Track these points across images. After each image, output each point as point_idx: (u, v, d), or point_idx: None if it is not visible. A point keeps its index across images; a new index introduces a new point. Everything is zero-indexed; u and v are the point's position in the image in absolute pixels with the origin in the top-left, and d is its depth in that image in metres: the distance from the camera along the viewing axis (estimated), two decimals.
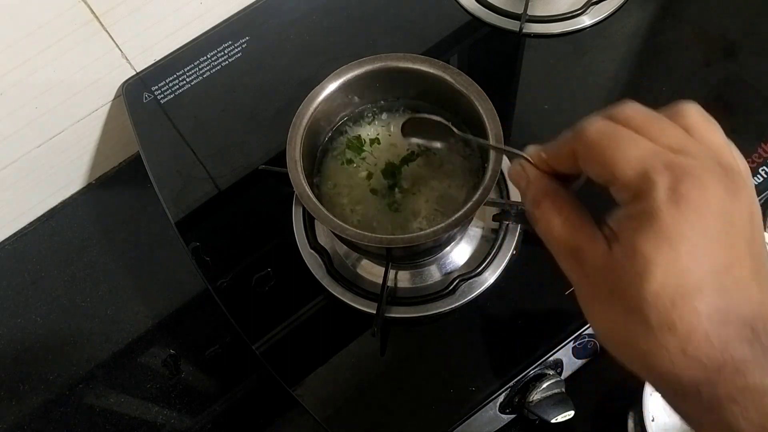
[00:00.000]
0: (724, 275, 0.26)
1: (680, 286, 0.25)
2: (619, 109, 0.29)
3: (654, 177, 0.26)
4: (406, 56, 0.48)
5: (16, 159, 0.68)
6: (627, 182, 0.27)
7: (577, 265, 0.29)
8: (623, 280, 0.26)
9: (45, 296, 0.69)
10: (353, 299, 0.53)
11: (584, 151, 0.28)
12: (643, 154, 0.27)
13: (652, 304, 0.26)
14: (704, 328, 0.25)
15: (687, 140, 0.27)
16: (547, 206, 0.30)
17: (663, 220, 0.25)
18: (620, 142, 0.27)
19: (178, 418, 0.61)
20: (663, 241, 0.25)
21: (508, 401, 0.52)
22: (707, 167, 0.26)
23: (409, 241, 0.42)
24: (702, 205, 0.25)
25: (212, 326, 0.64)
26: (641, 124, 0.28)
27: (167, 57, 0.72)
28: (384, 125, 0.52)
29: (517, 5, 0.68)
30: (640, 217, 0.26)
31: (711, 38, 0.65)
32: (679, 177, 0.25)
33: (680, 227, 0.25)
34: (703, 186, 0.25)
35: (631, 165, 0.26)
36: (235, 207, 0.62)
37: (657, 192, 0.25)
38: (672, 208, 0.25)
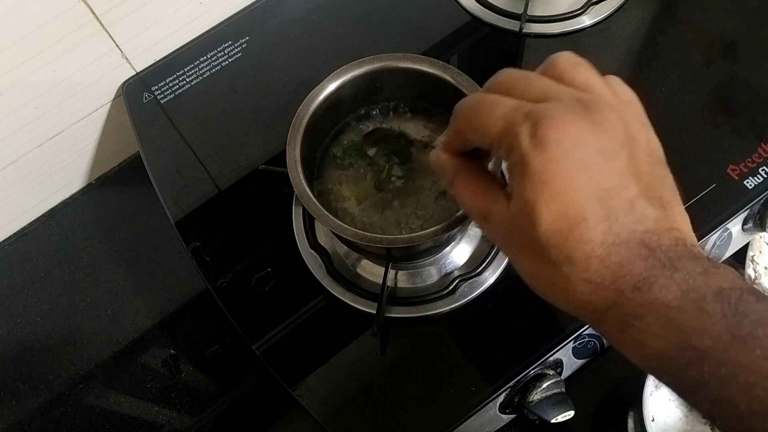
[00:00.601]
0: (608, 200, 0.27)
1: (565, 219, 0.27)
2: (493, 78, 0.32)
3: (515, 129, 0.28)
4: (406, 56, 0.48)
5: (16, 159, 0.68)
6: (497, 140, 0.29)
7: (490, 226, 0.31)
8: (522, 229, 0.28)
9: (45, 296, 0.69)
10: (353, 299, 0.53)
11: (463, 125, 0.31)
12: (505, 112, 0.29)
13: (546, 243, 0.27)
14: (597, 253, 0.27)
15: (551, 88, 0.29)
16: (457, 182, 0.33)
17: (532, 164, 0.27)
18: (486, 106, 0.30)
19: (178, 418, 0.61)
20: (538, 183, 0.27)
21: (508, 401, 0.52)
22: (565, 106, 0.28)
23: (409, 241, 0.42)
24: (563, 140, 0.27)
25: (212, 326, 0.64)
26: (510, 85, 0.30)
27: (167, 57, 0.72)
28: (383, 125, 0.52)
29: (517, 5, 0.68)
30: (516, 168, 0.28)
31: (711, 38, 0.65)
32: (537, 122, 0.27)
33: (549, 166, 0.27)
34: (560, 123, 0.27)
35: (496, 123, 0.29)
36: (235, 207, 0.62)
37: (520, 141, 0.27)
38: (536, 151, 0.27)
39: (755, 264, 0.62)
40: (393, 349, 0.52)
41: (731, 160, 0.56)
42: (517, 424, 0.56)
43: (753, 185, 0.55)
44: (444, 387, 0.50)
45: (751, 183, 0.55)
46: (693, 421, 0.54)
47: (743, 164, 0.56)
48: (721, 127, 0.59)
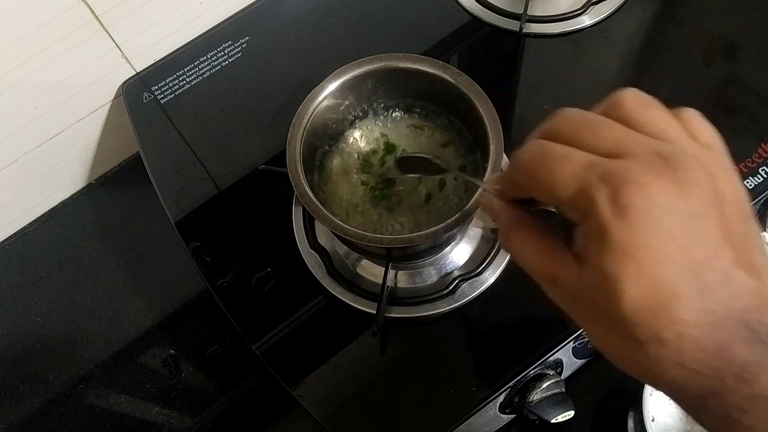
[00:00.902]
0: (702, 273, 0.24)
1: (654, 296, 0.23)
2: (552, 121, 0.28)
3: (591, 193, 0.24)
4: (406, 56, 0.48)
5: (16, 159, 0.68)
6: (569, 203, 0.25)
7: (557, 290, 0.28)
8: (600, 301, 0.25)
9: (45, 296, 0.69)
10: (353, 299, 0.53)
11: (524, 180, 0.28)
12: (575, 170, 0.25)
13: (632, 321, 0.24)
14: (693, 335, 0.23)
15: (623, 137, 0.26)
16: (515, 238, 0.30)
17: (614, 235, 0.24)
18: (551, 162, 0.26)
19: (178, 418, 0.61)
20: (622, 255, 0.24)
21: (508, 401, 0.52)
22: (646, 164, 0.24)
23: (409, 241, 0.42)
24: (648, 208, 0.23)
25: (212, 326, 0.64)
26: (574, 133, 0.27)
27: (167, 57, 0.72)
28: (383, 125, 0.52)
29: (517, 5, 0.68)
30: (594, 236, 0.25)
31: (711, 38, 0.65)
32: (617, 187, 0.24)
33: (635, 238, 0.23)
34: (643, 188, 0.24)
35: (567, 185, 0.25)
36: (235, 207, 0.62)
37: (599, 208, 0.24)
38: (618, 220, 0.24)
39: None
40: (393, 349, 0.52)
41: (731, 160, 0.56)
42: (517, 424, 0.56)
43: (753, 185, 0.55)
44: (444, 387, 0.50)
45: (751, 183, 0.55)
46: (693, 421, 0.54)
47: (743, 164, 0.56)
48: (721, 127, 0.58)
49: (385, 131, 0.52)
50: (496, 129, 0.44)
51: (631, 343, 0.24)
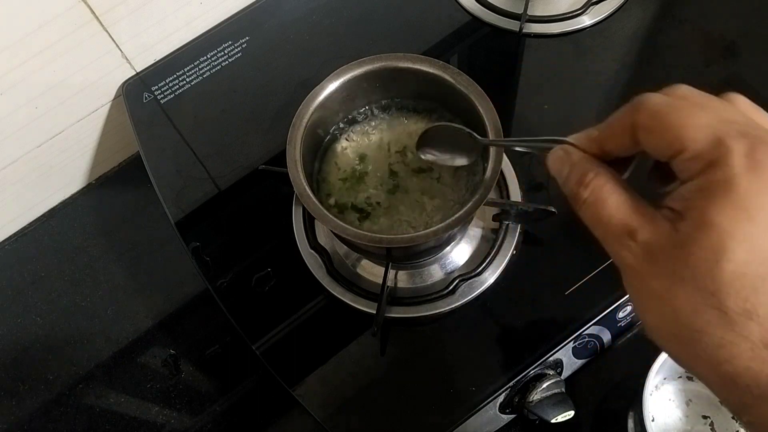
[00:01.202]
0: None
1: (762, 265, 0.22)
2: (673, 87, 0.27)
3: (729, 142, 0.23)
4: (406, 56, 0.48)
5: (16, 159, 0.68)
6: (698, 149, 0.24)
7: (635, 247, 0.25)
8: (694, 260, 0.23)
9: (45, 296, 0.69)
10: (353, 299, 0.53)
11: (647, 121, 0.26)
12: (714, 122, 0.24)
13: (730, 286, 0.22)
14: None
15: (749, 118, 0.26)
16: (597, 184, 0.27)
17: (741, 187, 0.22)
18: (688, 110, 0.25)
19: (178, 418, 0.61)
20: (741, 212, 0.22)
21: (508, 401, 0.52)
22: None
23: (409, 241, 0.42)
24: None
25: (212, 326, 0.64)
26: (701, 100, 0.26)
27: (167, 57, 0.72)
28: (383, 125, 0.52)
29: (517, 5, 0.68)
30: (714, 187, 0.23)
31: (711, 38, 0.65)
32: (756, 144, 0.23)
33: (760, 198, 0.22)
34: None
35: (703, 131, 0.24)
36: (235, 207, 0.62)
37: (733, 158, 0.23)
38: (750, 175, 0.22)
39: None
40: (393, 349, 0.52)
41: None
42: (517, 424, 0.56)
43: None
44: (444, 387, 0.50)
45: None
46: (693, 421, 0.54)
47: None
48: None
49: (385, 131, 0.52)
50: (496, 129, 0.44)
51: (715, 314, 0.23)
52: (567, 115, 0.62)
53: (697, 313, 0.23)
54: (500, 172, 0.43)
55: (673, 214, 0.25)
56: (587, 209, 0.27)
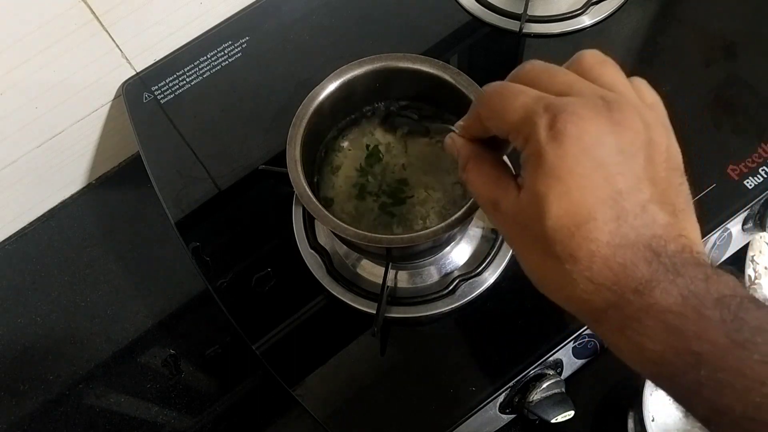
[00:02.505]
0: (620, 201, 0.26)
1: (574, 216, 0.27)
2: (518, 67, 0.32)
3: (534, 119, 0.27)
4: (406, 56, 0.48)
5: (16, 159, 0.68)
6: (515, 128, 0.29)
7: (498, 215, 0.31)
8: (530, 221, 0.28)
9: (45, 296, 0.69)
10: (353, 299, 0.53)
11: (483, 111, 0.31)
12: (526, 101, 0.28)
13: (553, 237, 0.27)
14: (603, 253, 0.26)
15: (575, 82, 0.29)
16: (470, 167, 0.33)
17: (547, 157, 0.27)
18: (508, 95, 0.29)
19: (178, 418, 0.61)
20: (551, 177, 0.27)
21: (508, 401, 0.52)
22: (587, 102, 0.27)
23: (409, 241, 0.42)
24: (581, 137, 0.26)
25: (212, 326, 0.64)
26: (534, 77, 0.30)
27: (167, 57, 0.72)
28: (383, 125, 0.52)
29: (517, 5, 0.68)
30: (531, 159, 0.28)
31: (711, 38, 0.65)
32: (556, 115, 0.27)
33: (564, 161, 0.27)
34: (579, 119, 0.27)
35: (516, 111, 0.28)
36: (235, 207, 0.62)
37: (538, 132, 0.27)
38: (553, 144, 0.27)
39: (755, 264, 0.62)
40: (393, 349, 0.52)
41: (731, 160, 0.56)
42: (517, 424, 0.56)
43: (753, 185, 0.55)
44: (444, 387, 0.50)
45: (751, 183, 0.55)
46: (693, 421, 0.54)
47: (743, 164, 0.56)
48: (721, 127, 0.59)
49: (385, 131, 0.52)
50: None
51: (552, 260, 0.28)
52: None
53: (543, 263, 0.29)
54: None
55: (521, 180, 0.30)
56: (468, 187, 0.33)
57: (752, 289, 0.61)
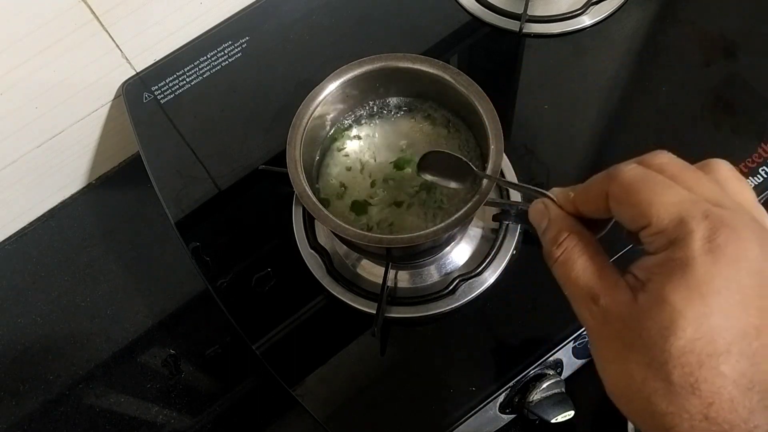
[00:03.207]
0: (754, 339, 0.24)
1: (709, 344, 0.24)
2: (653, 155, 0.28)
3: (691, 224, 0.25)
4: (406, 56, 0.48)
5: (16, 159, 0.68)
6: (662, 227, 0.25)
7: (596, 311, 0.27)
8: (647, 332, 0.25)
9: (45, 296, 0.69)
10: (353, 299, 0.53)
11: (618, 192, 0.27)
12: (680, 200, 0.25)
13: (677, 360, 0.24)
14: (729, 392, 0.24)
15: (722, 192, 0.27)
16: (569, 245, 0.29)
17: (697, 270, 0.24)
18: (657, 186, 0.26)
19: (178, 418, 0.61)
20: (695, 292, 0.24)
21: (508, 401, 0.52)
22: (744, 220, 0.25)
23: (409, 241, 0.42)
24: (738, 258, 0.24)
25: (212, 326, 0.64)
26: (677, 172, 0.27)
27: (167, 57, 0.72)
28: (383, 125, 0.52)
29: (517, 5, 0.68)
30: (673, 266, 0.25)
31: (711, 38, 0.65)
32: (717, 227, 0.24)
33: (714, 281, 0.24)
34: (740, 239, 0.24)
35: (668, 210, 0.25)
36: (235, 207, 0.62)
37: (693, 240, 0.24)
38: (708, 258, 0.24)
39: None
40: (393, 349, 0.52)
41: (731, 160, 0.56)
42: (517, 424, 0.56)
43: (753, 185, 0.55)
44: (444, 387, 0.50)
45: (751, 183, 0.55)
46: None
47: (743, 164, 0.56)
48: (721, 127, 0.59)
49: (385, 131, 0.52)
50: (496, 129, 0.44)
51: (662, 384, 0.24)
52: (567, 115, 0.62)
53: (646, 382, 0.25)
54: (500, 172, 0.43)
55: (636, 282, 0.26)
56: (558, 268, 0.29)
57: None
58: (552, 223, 0.31)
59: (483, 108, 0.45)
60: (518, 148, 0.59)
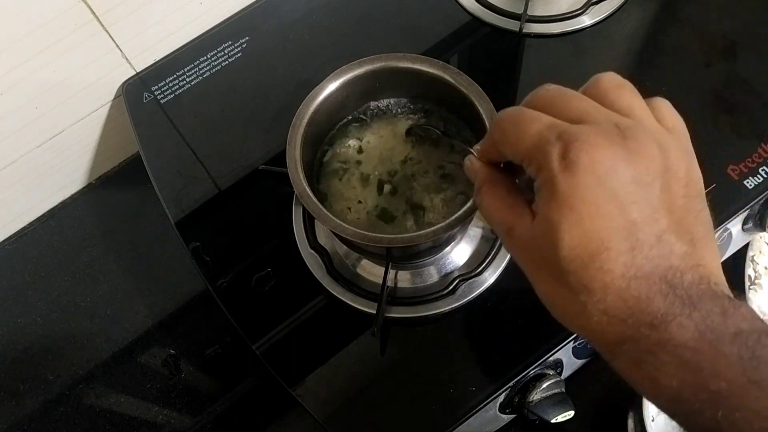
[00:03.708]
0: (635, 232, 0.26)
1: (587, 246, 0.26)
2: (534, 92, 0.31)
3: (547, 147, 0.27)
4: (406, 56, 0.48)
5: (16, 159, 0.68)
6: (528, 156, 0.28)
7: (512, 241, 0.30)
8: (543, 249, 0.28)
9: (45, 296, 0.69)
10: (353, 299, 0.53)
11: (498, 137, 0.31)
12: (539, 128, 0.28)
13: (566, 268, 0.27)
14: (617, 285, 0.26)
15: (590, 108, 0.29)
16: (485, 191, 0.33)
17: (560, 186, 0.26)
18: (522, 121, 0.29)
19: (178, 418, 0.61)
20: (564, 206, 0.26)
21: (508, 401, 0.52)
22: (600, 130, 0.27)
23: (409, 241, 0.42)
24: (594, 166, 0.26)
25: (212, 326, 0.64)
26: (549, 102, 0.30)
27: (167, 57, 0.72)
28: (383, 125, 0.52)
29: (517, 5, 0.68)
30: (544, 188, 0.27)
31: (711, 38, 0.65)
32: (569, 143, 0.26)
33: (577, 191, 0.26)
34: (592, 148, 0.26)
35: (530, 139, 0.28)
36: (235, 207, 0.62)
37: (550, 161, 0.27)
38: (565, 173, 0.26)
39: (755, 264, 0.62)
40: (393, 349, 0.52)
41: (731, 160, 0.56)
42: (517, 424, 0.56)
43: (753, 185, 0.55)
44: (444, 387, 0.50)
45: (751, 183, 0.55)
46: None
47: (743, 164, 0.56)
48: (721, 127, 0.59)
49: (385, 131, 0.52)
50: None
51: (566, 290, 0.27)
52: None
53: (557, 291, 0.28)
54: None
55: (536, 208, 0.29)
56: (482, 211, 0.33)
57: (752, 289, 0.61)
58: (476, 174, 0.34)
59: (483, 108, 0.45)
60: None
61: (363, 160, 0.51)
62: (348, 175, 0.51)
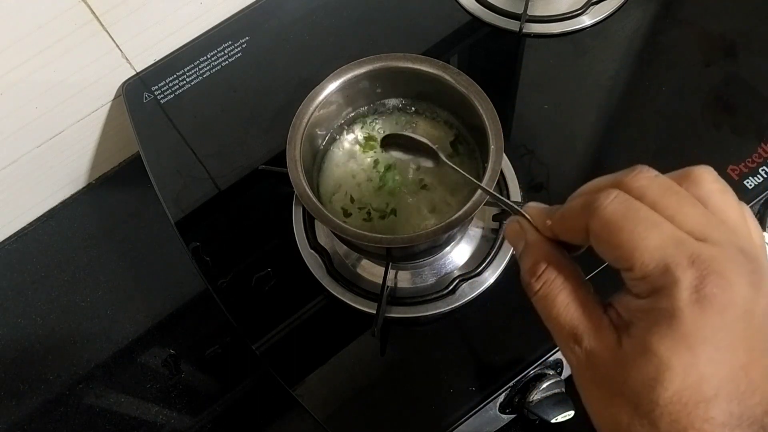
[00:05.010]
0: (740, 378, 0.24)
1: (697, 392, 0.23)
2: (632, 175, 0.26)
3: (677, 273, 0.23)
4: (406, 56, 0.48)
5: (16, 159, 0.68)
6: (646, 273, 0.24)
7: (580, 353, 0.26)
8: (633, 381, 0.24)
9: (45, 296, 0.69)
10: (353, 299, 0.53)
11: (599, 231, 0.26)
12: (664, 243, 0.24)
13: (664, 410, 0.23)
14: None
15: (708, 220, 0.25)
16: (548, 278, 0.28)
17: (684, 322, 0.23)
18: (639, 225, 0.25)
19: (178, 418, 0.61)
20: (682, 344, 0.23)
21: (508, 401, 0.52)
22: (732, 258, 0.24)
23: (409, 241, 0.42)
24: (727, 306, 0.23)
25: (212, 326, 0.64)
26: (658, 197, 0.26)
27: (167, 57, 0.72)
28: (383, 125, 0.52)
29: (517, 5, 0.68)
30: (658, 315, 0.24)
31: (711, 38, 0.65)
32: (704, 274, 0.23)
33: (702, 331, 0.23)
34: (728, 285, 0.23)
35: (651, 254, 0.24)
36: (235, 207, 0.62)
37: (679, 290, 0.23)
38: (695, 309, 0.23)
39: None
40: (393, 349, 0.52)
41: (731, 160, 0.56)
42: (517, 424, 0.56)
43: (753, 185, 0.55)
44: (444, 387, 0.50)
45: (751, 183, 0.55)
46: None
47: (743, 164, 0.56)
48: (721, 127, 0.59)
49: (385, 131, 0.52)
50: (496, 129, 0.44)
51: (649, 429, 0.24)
52: (567, 115, 0.62)
53: (633, 427, 0.24)
54: (500, 172, 0.43)
55: (620, 321, 0.25)
56: (538, 302, 0.28)
57: None
58: (529, 248, 0.29)
59: (483, 108, 0.45)
60: (518, 148, 0.59)
61: (363, 160, 0.51)
62: (347, 175, 0.50)
